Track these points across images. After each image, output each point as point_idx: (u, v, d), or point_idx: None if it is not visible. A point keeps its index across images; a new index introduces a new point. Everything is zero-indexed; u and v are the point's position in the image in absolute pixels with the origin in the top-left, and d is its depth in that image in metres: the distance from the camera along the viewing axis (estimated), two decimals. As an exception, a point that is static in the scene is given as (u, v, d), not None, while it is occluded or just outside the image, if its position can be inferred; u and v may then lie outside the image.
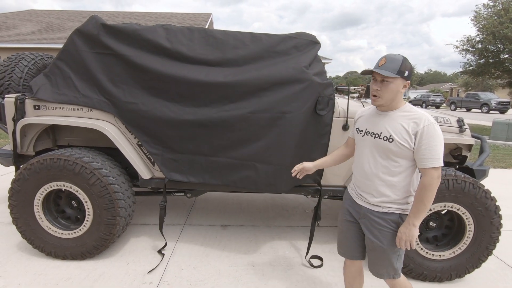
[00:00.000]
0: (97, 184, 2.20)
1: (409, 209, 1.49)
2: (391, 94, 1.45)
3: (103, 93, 2.30)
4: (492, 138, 8.86)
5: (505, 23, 9.33)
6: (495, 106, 21.53)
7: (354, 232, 1.66)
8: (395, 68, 1.41)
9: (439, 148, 1.39)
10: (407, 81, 1.45)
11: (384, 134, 1.48)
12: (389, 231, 1.50)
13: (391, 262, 1.54)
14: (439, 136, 1.40)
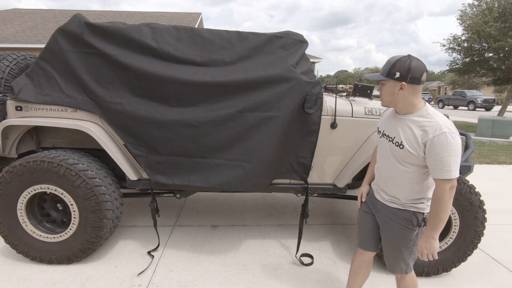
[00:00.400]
0: (83, 186, 2.16)
1: (423, 208, 1.50)
2: (387, 96, 1.48)
3: (87, 93, 2.25)
4: (478, 135, 9.08)
5: (489, 22, 9.55)
6: (481, 104, 22.05)
7: (370, 224, 1.72)
8: (385, 71, 1.44)
9: (451, 159, 1.32)
10: (401, 82, 1.41)
11: (397, 139, 1.49)
12: (401, 227, 1.53)
13: (404, 257, 1.58)
14: (451, 146, 1.32)
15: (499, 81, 11.72)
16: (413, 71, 1.40)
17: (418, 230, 1.52)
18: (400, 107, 1.48)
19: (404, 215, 1.52)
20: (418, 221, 1.51)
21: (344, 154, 2.47)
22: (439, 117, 1.40)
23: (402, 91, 1.43)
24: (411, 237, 1.53)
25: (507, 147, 7.89)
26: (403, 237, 1.54)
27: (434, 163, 1.36)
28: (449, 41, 11.39)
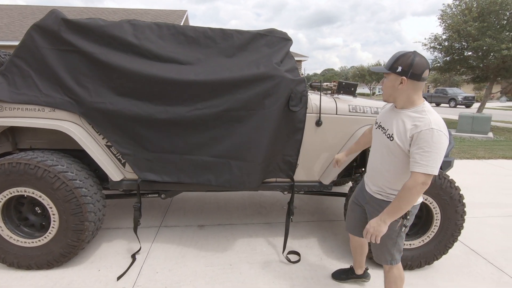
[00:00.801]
0: (62, 188, 2.09)
1: None
2: (388, 90, 1.52)
3: (66, 92, 2.18)
4: (458, 131, 9.37)
5: (468, 22, 9.85)
6: (462, 101, 22.79)
7: (358, 214, 1.88)
8: (389, 65, 1.47)
9: (432, 155, 1.34)
10: (401, 76, 1.43)
11: (389, 131, 1.54)
12: None
13: (388, 248, 1.65)
14: (436, 143, 1.35)
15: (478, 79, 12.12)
16: (415, 67, 1.41)
17: (401, 221, 1.57)
18: (398, 101, 1.52)
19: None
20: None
21: (329, 152, 2.49)
22: (432, 115, 1.43)
23: (402, 86, 1.45)
24: (394, 228, 1.59)
25: (486, 142, 8.18)
26: (389, 227, 1.57)
27: (415, 156, 1.39)
28: (431, 40, 11.68)
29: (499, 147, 7.52)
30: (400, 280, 1.71)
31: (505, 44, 9.14)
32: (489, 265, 2.51)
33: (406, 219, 1.56)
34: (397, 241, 1.63)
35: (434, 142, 1.35)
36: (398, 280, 1.71)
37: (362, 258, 2.12)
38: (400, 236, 1.63)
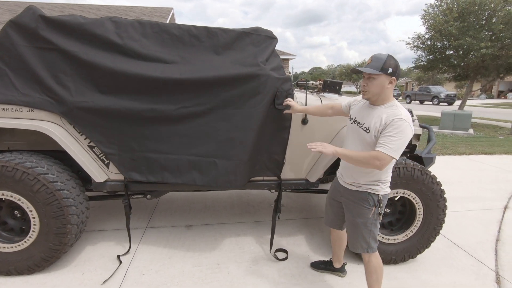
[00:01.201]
0: (43, 191, 2.02)
1: (378, 190, 1.71)
2: (376, 89, 1.62)
3: (46, 92, 2.11)
4: (441, 128, 9.65)
5: (449, 22, 10.12)
6: (444, 99, 23.46)
7: (335, 208, 2.00)
8: (379, 66, 1.58)
9: (396, 141, 1.51)
10: (392, 77, 1.59)
11: (366, 125, 1.67)
12: (360, 207, 1.75)
13: (363, 235, 1.77)
14: (402, 131, 1.51)
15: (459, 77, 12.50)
16: (399, 68, 1.61)
17: (374, 209, 1.73)
18: (380, 99, 1.65)
19: (362, 196, 1.73)
20: (374, 202, 1.72)
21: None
22: (402, 110, 1.61)
23: (391, 85, 1.61)
24: (368, 216, 1.74)
25: (467, 138, 8.46)
26: (362, 215, 1.75)
27: (382, 139, 1.55)
28: (414, 39, 11.96)
29: (479, 143, 7.80)
30: (380, 269, 1.82)
31: (484, 43, 9.47)
32: (469, 257, 2.60)
33: (379, 207, 1.72)
34: (372, 229, 1.76)
35: (401, 131, 1.52)
36: (378, 269, 1.81)
37: (340, 252, 2.21)
38: (374, 224, 1.76)
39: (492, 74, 11.36)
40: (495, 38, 9.96)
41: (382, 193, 1.73)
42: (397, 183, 2.29)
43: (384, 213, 2.46)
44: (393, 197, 2.40)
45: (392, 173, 2.22)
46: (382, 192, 1.72)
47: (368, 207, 1.73)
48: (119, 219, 3.09)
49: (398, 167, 2.28)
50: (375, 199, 1.72)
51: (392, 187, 2.29)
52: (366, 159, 1.55)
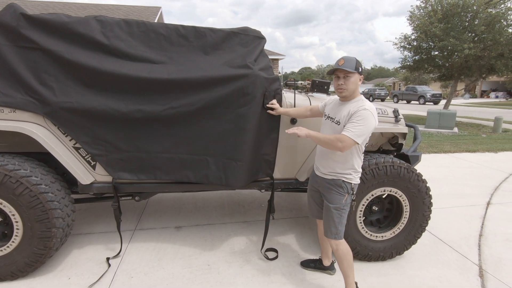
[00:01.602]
0: (26, 194, 1.97)
1: (351, 179, 1.90)
2: (352, 86, 1.84)
3: (29, 92, 2.05)
4: (427, 127, 9.87)
5: (434, 23, 10.39)
6: (430, 98, 24.01)
7: (316, 198, 2.13)
8: (353, 66, 1.81)
9: (358, 127, 1.71)
10: (361, 75, 1.86)
11: (337, 119, 1.88)
12: (334, 193, 1.92)
13: (334, 220, 1.92)
14: (365, 119, 1.72)
15: (444, 77, 12.82)
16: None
17: (347, 196, 1.90)
18: (353, 95, 1.87)
19: (337, 183, 1.90)
20: (347, 189, 1.90)
21: (304, 149, 2.53)
22: (367, 103, 1.82)
23: (360, 82, 1.86)
24: (341, 201, 1.91)
25: (452, 137, 8.69)
26: (335, 201, 1.92)
27: (347, 125, 1.76)
28: (401, 40, 12.21)
29: (463, 141, 8.02)
30: (349, 254, 1.95)
31: (467, 44, 9.74)
32: (454, 252, 2.67)
33: (352, 194, 1.90)
34: (342, 215, 1.93)
35: (364, 119, 1.72)
36: (347, 254, 1.95)
37: (328, 247, 2.24)
38: (345, 211, 1.93)
39: (475, 74, 11.71)
40: (478, 39, 10.26)
41: (354, 182, 1.92)
42: (384, 181, 2.33)
43: (372, 211, 2.51)
44: (381, 195, 2.44)
45: (380, 171, 2.30)
46: (354, 181, 1.91)
47: (342, 193, 1.90)
48: (107, 221, 3.04)
49: (385, 165, 2.32)
50: (348, 187, 1.90)
51: (379, 185, 2.35)
52: (331, 140, 1.76)
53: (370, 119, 1.73)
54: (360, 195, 2.33)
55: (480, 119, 13.78)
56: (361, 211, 2.38)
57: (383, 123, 2.64)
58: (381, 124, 2.63)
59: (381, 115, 2.65)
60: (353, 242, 2.38)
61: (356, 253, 2.42)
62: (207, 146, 2.24)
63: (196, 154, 2.25)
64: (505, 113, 16.47)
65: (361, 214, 2.39)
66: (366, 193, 2.35)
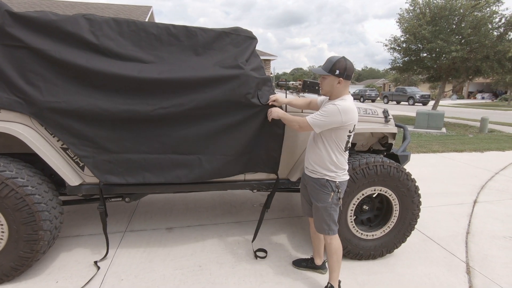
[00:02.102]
0: (11, 196, 1.91)
1: (334, 177, 1.93)
2: (327, 87, 1.90)
3: (14, 92, 2.00)
4: (416, 127, 10.05)
5: (423, 26, 10.60)
6: (419, 99, 24.47)
7: (306, 196, 2.17)
8: (327, 68, 1.85)
9: (322, 118, 1.82)
10: (339, 78, 1.83)
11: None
12: (320, 192, 1.96)
13: (324, 218, 1.98)
14: (330, 113, 1.80)
15: (433, 79, 13.09)
16: (348, 70, 1.84)
17: (333, 195, 1.94)
18: (333, 95, 1.92)
19: (321, 182, 1.95)
20: (332, 188, 1.93)
21: (295, 149, 2.54)
22: (343, 101, 1.84)
23: (339, 84, 1.86)
24: (328, 200, 1.95)
25: (440, 137, 8.87)
26: (322, 200, 1.96)
27: (314, 113, 1.88)
28: (390, 42, 12.41)
29: (451, 141, 8.20)
30: (340, 250, 2.02)
31: (454, 46, 9.97)
32: (443, 250, 2.72)
33: (337, 192, 1.93)
34: (331, 213, 1.97)
35: (328, 112, 1.81)
36: (338, 250, 2.01)
37: (320, 245, 2.27)
38: (333, 209, 1.97)
39: (462, 76, 11.98)
40: (464, 42, 10.51)
41: (339, 180, 1.95)
42: (374, 181, 2.36)
43: (363, 210, 2.54)
44: (371, 194, 2.47)
45: (370, 170, 2.33)
46: (339, 179, 1.94)
47: (327, 192, 1.94)
48: (95, 223, 2.99)
49: (376, 165, 2.35)
50: (332, 185, 1.93)
51: (369, 185, 2.38)
52: (292, 121, 1.96)
53: (335, 114, 1.78)
54: (351, 195, 2.35)
55: (467, 119, 14.11)
56: (352, 210, 2.40)
57: (373, 123, 2.68)
58: (371, 124, 2.67)
59: (371, 116, 2.69)
60: (344, 241, 2.41)
61: (347, 252, 2.45)
62: (199, 145, 2.23)
63: (187, 154, 2.23)
64: (491, 114, 16.92)
65: (352, 213, 2.41)
66: (357, 193, 2.38)
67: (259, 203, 3.67)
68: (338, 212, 2.00)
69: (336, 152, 1.91)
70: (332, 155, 1.91)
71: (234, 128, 2.25)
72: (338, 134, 1.87)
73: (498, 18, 10.28)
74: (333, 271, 2.04)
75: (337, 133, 1.87)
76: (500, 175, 5.11)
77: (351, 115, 1.82)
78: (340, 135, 1.87)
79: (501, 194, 4.21)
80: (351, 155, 2.57)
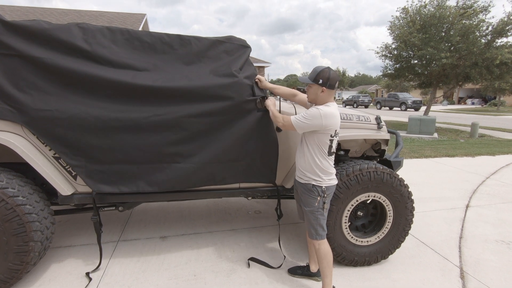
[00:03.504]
0: (1, 206, 1.88)
1: (320, 182, 1.97)
2: (312, 95, 2.00)
3: (5, 100, 1.98)
4: (408, 132, 10.19)
5: (413, 33, 10.84)
6: (411, 105, 24.84)
7: (299, 201, 2.18)
8: (312, 77, 1.95)
9: (304, 119, 1.89)
10: (322, 87, 1.92)
11: None
12: (307, 196, 2.01)
13: (311, 222, 2.02)
14: (312, 115, 1.86)
15: (424, 85, 13.34)
16: (331, 80, 1.91)
17: (319, 199, 1.97)
18: (317, 104, 1.99)
19: (308, 187, 1.99)
20: (318, 192, 1.97)
21: (289, 156, 2.56)
22: (325, 107, 1.91)
23: (322, 93, 1.94)
24: (314, 204, 1.99)
25: (432, 142, 9.00)
26: (309, 205, 2.01)
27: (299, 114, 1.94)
28: (382, 49, 12.64)
29: (443, 146, 8.32)
30: (329, 255, 2.04)
31: (444, 53, 10.19)
32: (436, 255, 2.74)
33: (323, 197, 1.96)
34: (318, 217, 2.00)
35: (310, 114, 1.87)
36: (328, 255, 2.03)
37: (315, 252, 2.22)
38: (320, 213, 2.00)
39: (452, 82, 12.22)
40: (454, 49, 10.76)
41: (326, 185, 1.97)
42: (368, 187, 2.38)
43: (357, 216, 2.56)
44: (365, 200, 2.49)
45: (364, 177, 2.35)
46: (325, 184, 1.97)
47: (313, 197, 1.98)
48: (88, 233, 2.94)
49: (369, 171, 2.37)
50: (319, 190, 1.97)
51: (363, 191, 2.39)
52: (278, 116, 2.04)
53: (317, 118, 1.85)
54: (345, 201, 2.36)
55: (458, 124, 14.36)
56: (346, 216, 2.41)
57: (366, 130, 2.71)
58: (364, 131, 2.70)
59: (364, 122, 2.72)
60: (339, 247, 2.41)
61: (342, 258, 2.45)
62: (193, 153, 2.23)
63: (181, 162, 2.23)
64: (481, 119, 17.25)
65: (346, 220, 2.42)
66: (351, 199, 2.39)
67: (254, 210, 3.66)
68: (325, 217, 2.04)
69: (319, 156, 1.95)
70: (316, 159, 1.96)
71: (228, 135, 2.26)
72: (320, 138, 1.92)
73: (485, 26, 10.57)
74: (325, 277, 2.04)
75: (319, 137, 1.92)
76: (491, 180, 5.19)
77: (332, 120, 1.88)
78: (322, 139, 1.92)
79: (492, 198, 4.27)
80: (344, 162, 2.60)
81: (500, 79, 11.45)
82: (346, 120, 2.65)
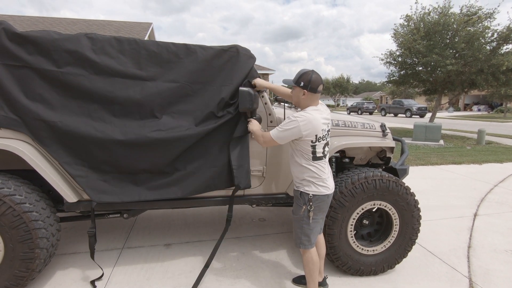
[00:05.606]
0: (9, 213, 1.90)
1: (307, 190, 1.93)
2: (295, 98, 2.01)
3: (12, 110, 2.01)
4: (414, 139, 10.11)
5: (417, 40, 10.84)
6: (416, 111, 24.71)
7: None
8: (294, 79, 1.95)
9: (282, 132, 1.88)
10: (303, 89, 1.90)
11: None
12: (295, 204, 2.02)
13: (296, 231, 2.01)
14: (289, 126, 1.85)
15: (429, 91, 13.28)
16: (312, 83, 1.88)
17: (305, 208, 1.93)
18: (300, 107, 1.99)
19: (296, 194, 2.00)
20: (304, 200, 1.93)
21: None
22: (303, 113, 1.89)
23: (304, 96, 1.92)
24: (299, 212, 1.96)
25: (438, 149, 8.90)
26: (295, 211, 2.00)
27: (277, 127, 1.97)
28: (386, 56, 12.64)
29: (449, 153, 8.22)
30: (311, 263, 2.01)
31: (449, 60, 10.16)
32: (444, 265, 2.69)
33: (309, 205, 1.91)
34: (303, 226, 1.97)
35: (287, 125, 1.87)
36: (309, 263, 2.01)
37: (320, 261, 2.20)
38: (305, 222, 1.95)
39: (458, 89, 12.14)
40: (459, 55, 10.72)
41: (313, 193, 1.91)
42: (373, 195, 2.36)
43: (363, 225, 2.53)
44: (371, 209, 2.46)
45: (369, 185, 2.33)
46: (313, 192, 1.92)
47: (299, 205, 1.96)
48: (93, 240, 2.94)
49: (374, 179, 2.35)
50: (305, 198, 1.93)
51: (369, 199, 2.37)
52: (258, 136, 2.04)
53: (293, 126, 1.84)
54: (350, 209, 2.34)
55: (464, 131, 14.21)
56: (352, 225, 2.39)
57: (371, 137, 2.70)
58: (369, 138, 2.69)
59: (369, 130, 2.72)
60: (344, 256, 2.38)
61: (348, 268, 2.42)
62: (193, 161, 2.25)
63: (182, 170, 2.24)
64: (488, 126, 17.06)
65: (352, 228, 2.39)
66: (357, 207, 2.37)
67: (258, 218, 3.64)
68: (311, 228, 1.96)
69: (305, 163, 1.92)
70: (302, 165, 1.94)
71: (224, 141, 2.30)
72: (300, 145, 1.90)
73: (490, 33, 10.53)
74: (308, 282, 2.07)
75: (299, 144, 1.90)
76: (499, 187, 5.10)
77: (308, 127, 1.84)
78: (302, 146, 1.90)
79: (501, 206, 4.19)
80: (349, 169, 2.58)
81: (507, 85, 11.33)
82: (351, 128, 2.64)
